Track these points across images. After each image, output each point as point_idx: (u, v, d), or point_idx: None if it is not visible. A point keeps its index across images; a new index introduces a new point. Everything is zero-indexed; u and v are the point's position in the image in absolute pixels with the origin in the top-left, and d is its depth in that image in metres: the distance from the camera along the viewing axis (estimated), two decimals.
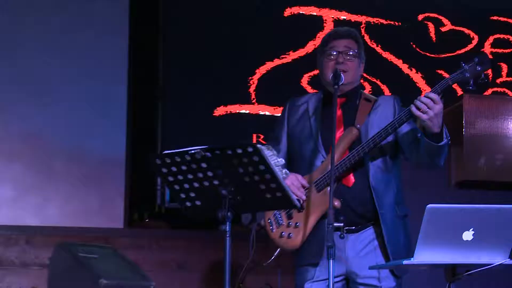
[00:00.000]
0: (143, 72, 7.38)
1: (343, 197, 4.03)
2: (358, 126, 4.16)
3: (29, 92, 7.04)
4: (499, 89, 7.50)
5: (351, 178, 4.14)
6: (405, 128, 4.11)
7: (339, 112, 4.21)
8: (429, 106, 3.84)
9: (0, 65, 7.03)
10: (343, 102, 4.23)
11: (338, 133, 4.15)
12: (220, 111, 7.16)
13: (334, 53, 4.20)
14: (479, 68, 3.94)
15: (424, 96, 3.88)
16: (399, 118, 4.01)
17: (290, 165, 4.30)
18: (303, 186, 4.12)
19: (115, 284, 4.96)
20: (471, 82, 3.96)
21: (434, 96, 3.87)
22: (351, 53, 4.21)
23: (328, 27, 7.30)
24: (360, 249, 4.12)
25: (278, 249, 4.16)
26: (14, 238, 6.56)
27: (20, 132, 6.96)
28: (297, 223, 4.13)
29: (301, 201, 4.07)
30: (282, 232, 4.14)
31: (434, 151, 3.97)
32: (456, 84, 4.04)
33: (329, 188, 3.93)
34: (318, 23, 7.37)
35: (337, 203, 3.94)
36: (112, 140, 7.12)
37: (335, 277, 3.91)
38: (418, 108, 3.87)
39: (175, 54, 7.35)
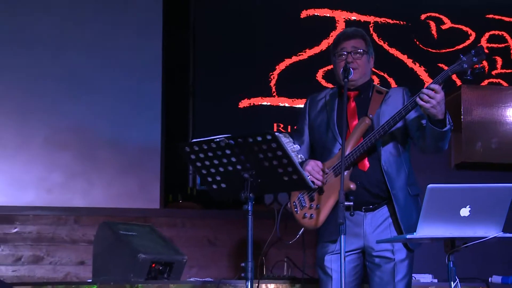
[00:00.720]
0: (176, 70, 7.38)
1: (359, 180, 4.00)
2: (371, 116, 4.12)
3: (76, 90, 7.06)
4: (494, 80, 7.47)
5: (366, 162, 4.10)
6: (412, 115, 4.07)
7: (353, 104, 4.18)
8: (432, 96, 3.81)
9: (52, 67, 7.05)
10: (356, 95, 4.18)
11: (354, 123, 4.12)
12: (244, 103, 7.19)
13: (344, 53, 4.17)
14: (476, 59, 3.92)
15: (427, 88, 3.86)
16: (405, 107, 3.99)
17: (313, 153, 4.29)
18: (322, 171, 4.07)
19: (152, 258, 4.95)
20: (469, 72, 3.94)
21: (435, 86, 3.84)
22: (359, 51, 4.17)
23: (340, 26, 7.31)
24: (376, 226, 4.07)
25: (302, 229, 4.11)
26: (64, 218, 6.57)
27: (69, 125, 6.98)
28: (317, 205, 4.09)
29: (322, 183, 4.03)
30: (305, 214, 4.10)
31: (439, 136, 3.93)
32: (455, 75, 4.03)
33: (346, 173, 3.97)
34: (331, 23, 7.35)
35: (352, 185, 3.93)
36: (149, 131, 7.13)
37: (353, 250, 4.02)
38: (422, 99, 3.84)
39: (203, 54, 7.35)
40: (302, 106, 4.51)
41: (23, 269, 6.39)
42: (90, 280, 5.06)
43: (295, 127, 4.51)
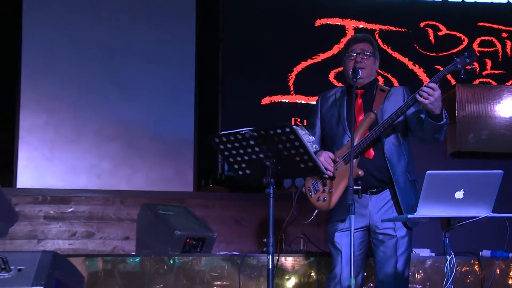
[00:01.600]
0: (207, 71, 7.36)
1: (366, 167, 4.00)
2: (375, 111, 4.12)
3: (122, 89, 7.08)
4: (484, 80, 7.41)
5: (371, 152, 4.10)
6: (412, 111, 4.08)
7: (360, 101, 4.17)
8: (430, 93, 3.84)
9: (102, 69, 7.08)
10: (362, 93, 4.16)
11: (360, 117, 4.11)
12: (266, 100, 7.18)
13: (354, 54, 4.16)
14: (468, 60, 3.97)
15: (426, 86, 3.88)
16: (406, 103, 3.99)
17: (323, 144, 4.29)
18: (333, 161, 4.06)
19: (186, 234, 4.95)
20: (462, 72, 3.97)
21: (433, 85, 3.86)
22: (367, 53, 4.17)
23: (350, 33, 7.28)
24: (380, 207, 4.08)
25: (316, 210, 4.11)
26: (112, 200, 6.59)
27: (116, 119, 7.00)
28: (330, 189, 4.09)
29: (332, 173, 4.03)
30: (319, 197, 4.10)
31: (436, 128, 3.94)
32: (450, 75, 4.05)
33: (355, 161, 3.97)
34: (341, 30, 7.32)
35: (361, 172, 3.94)
36: (183, 124, 7.12)
37: (359, 228, 4.03)
38: (422, 96, 3.85)
39: (231, 57, 7.32)
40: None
41: (78, 243, 6.43)
42: (134, 253, 5.06)
43: (306, 121, 4.54)
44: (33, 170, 6.88)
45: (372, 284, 4.61)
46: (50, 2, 7.09)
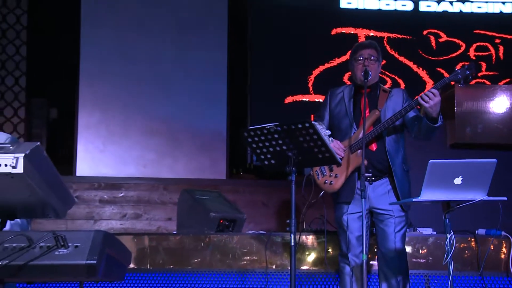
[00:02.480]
0: (237, 74, 7.35)
1: (368, 158, 3.99)
2: (380, 109, 4.12)
3: (164, 91, 7.10)
4: (480, 80, 7.34)
5: (374, 145, 4.11)
6: (410, 114, 4.08)
7: (366, 99, 4.12)
8: (431, 98, 3.85)
9: (148, 74, 7.11)
10: (368, 92, 4.12)
11: (366, 114, 4.08)
12: (288, 99, 7.15)
13: (361, 58, 4.14)
14: (468, 72, 3.96)
15: (428, 91, 3.87)
16: (409, 105, 4.00)
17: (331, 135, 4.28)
18: (343, 149, 4.07)
19: (220, 216, 4.94)
20: (462, 82, 3.98)
21: (435, 91, 3.86)
22: (372, 58, 4.15)
23: (361, 40, 7.21)
24: (379, 193, 4.08)
25: (322, 191, 4.15)
26: (156, 186, 6.62)
27: (159, 116, 7.03)
28: (336, 174, 4.11)
29: (340, 158, 4.00)
30: (326, 180, 4.14)
31: (430, 129, 3.96)
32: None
33: (359, 151, 4.00)
34: (354, 38, 7.26)
35: (366, 161, 3.90)
36: (217, 121, 7.12)
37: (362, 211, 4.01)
38: (423, 99, 3.86)
39: (258, 62, 7.30)
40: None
41: (127, 223, 6.46)
42: (175, 232, 5.07)
43: (316, 113, 4.45)
44: (89, 161, 6.93)
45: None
46: (104, 19, 7.15)
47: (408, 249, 4.40)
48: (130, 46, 7.11)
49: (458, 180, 3.37)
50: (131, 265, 4.49)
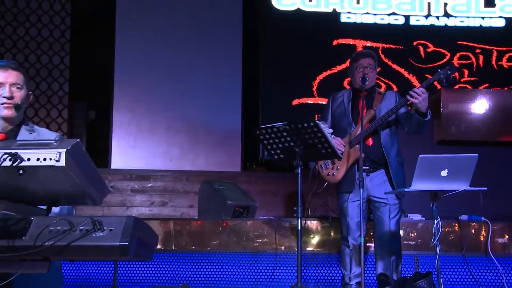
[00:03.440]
0: (250, 79, 7.36)
1: (365, 151, 3.97)
2: (375, 109, 4.11)
3: (186, 93, 7.12)
4: (463, 85, 7.33)
5: (370, 140, 4.10)
6: (402, 110, 4.07)
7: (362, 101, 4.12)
8: (419, 94, 3.84)
9: (171, 79, 7.13)
10: (365, 95, 4.09)
11: (363, 113, 4.06)
12: (295, 102, 7.15)
13: (361, 66, 4.12)
14: (449, 72, 3.96)
15: (416, 89, 3.87)
16: (399, 103, 4.00)
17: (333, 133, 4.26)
18: (343, 145, 4.05)
19: (235, 203, 4.93)
20: (444, 81, 3.96)
21: (422, 89, 3.88)
22: (370, 66, 4.14)
23: (359, 50, 7.22)
24: (376, 183, 4.07)
25: (326, 182, 4.14)
26: (180, 177, 6.61)
27: (182, 117, 7.05)
28: (337, 167, 4.10)
29: (341, 153, 3.99)
30: (329, 172, 4.12)
31: (421, 123, 3.95)
32: (436, 82, 4.01)
33: (357, 146, 3.99)
34: (353, 48, 7.24)
35: (363, 155, 3.88)
36: (233, 120, 7.13)
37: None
38: (412, 96, 3.86)
39: (269, 69, 7.30)
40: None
41: (155, 209, 6.47)
42: (197, 217, 5.08)
43: (320, 115, 4.49)
44: (122, 155, 6.96)
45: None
46: (134, 33, 7.19)
47: (400, 233, 4.38)
48: (155, 56, 7.14)
49: (444, 173, 3.35)
50: (158, 246, 4.51)
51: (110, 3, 7.27)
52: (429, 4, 7.51)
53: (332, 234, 4.56)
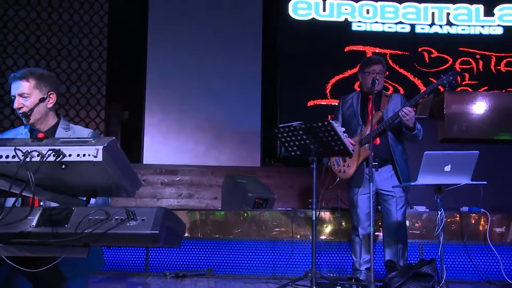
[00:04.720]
0: (269, 82, 7.35)
1: (374, 150, 3.91)
2: (382, 111, 4.07)
3: (211, 96, 7.15)
4: (464, 88, 7.28)
5: (378, 140, 4.07)
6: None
7: (371, 103, 4.10)
8: (407, 114, 3.85)
9: (197, 82, 7.16)
10: (374, 97, 4.05)
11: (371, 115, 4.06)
12: (310, 103, 7.16)
13: (372, 72, 4.08)
14: (452, 78, 3.91)
15: (405, 108, 3.87)
16: (396, 114, 3.94)
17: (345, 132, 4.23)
18: (353, 144, 4.00)
19: (256, 195, 4.94)
20: (447, 85, 3.92)
21: (409, 109, 3.86)
22: (380, 72, 4.10)
23: (369, 56, 7.18)
24: (384, 177, 4.04)
25: (338, 178, 4.10)
26: (205, 171, 6.63)
27: (207, 116, 7.09)
28: (348, 164, 4.07)
29: (352, 151, 3.97)
30: (340, 169, 4.09)
31: (409, 136, 3.98)
32: (440, 86, 3.97)
33: (367, 145, 3.97)
34: (363, 54, 7.22)
35: (372, 153, 3.83)
36: (253, 120, 7.15)
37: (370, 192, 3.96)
38: (402, 115, 3.86)
39: (286, 73, 7.30)
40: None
41: (183, 201, 6.49)
42: (220, 208, 5.08)
43: (331, 116, 4.43)
44: (153, 151, 7.00)
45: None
46: (164, 41, 7.23)
47: (406, 223, 4.34)
48: (183, 61, 7.17)
49: (447, 168, 3.33)
50: (186, 234, 4.53)
51: (143, 15, 7.33)
52: (433, 13, 7.48)
53: (343, 224, 4.54)
